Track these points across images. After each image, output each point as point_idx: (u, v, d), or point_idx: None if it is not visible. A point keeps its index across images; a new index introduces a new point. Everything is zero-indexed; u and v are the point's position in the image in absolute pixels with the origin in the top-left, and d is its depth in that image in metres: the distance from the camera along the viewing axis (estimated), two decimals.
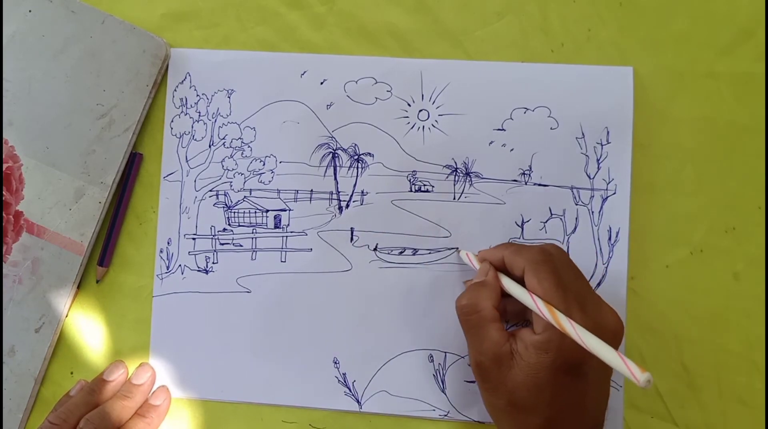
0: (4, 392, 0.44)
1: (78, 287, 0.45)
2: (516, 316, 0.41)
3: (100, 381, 0.43)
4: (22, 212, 0.44)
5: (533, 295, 0.36)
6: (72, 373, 0.45)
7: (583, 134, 0.44)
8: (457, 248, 0.44)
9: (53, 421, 0.40)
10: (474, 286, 0.39)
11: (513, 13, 0.45)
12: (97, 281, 0.46)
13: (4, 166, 0.44)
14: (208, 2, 0.46)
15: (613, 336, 0.36)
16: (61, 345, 0.45)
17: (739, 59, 0.44)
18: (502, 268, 0.40)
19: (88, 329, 0.45)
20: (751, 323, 0.43)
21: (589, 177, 0.44)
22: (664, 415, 0.43)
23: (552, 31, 0.45)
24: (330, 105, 0.45)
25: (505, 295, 0.39)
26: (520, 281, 0.38)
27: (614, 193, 0.44)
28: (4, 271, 0.44)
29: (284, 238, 0.45)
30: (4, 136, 0.44)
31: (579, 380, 0.36)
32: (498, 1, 0.45)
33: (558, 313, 0.34)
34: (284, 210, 0.45)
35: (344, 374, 0.44)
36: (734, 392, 0.43)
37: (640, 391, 0.43)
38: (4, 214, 0.44)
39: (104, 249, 0.45)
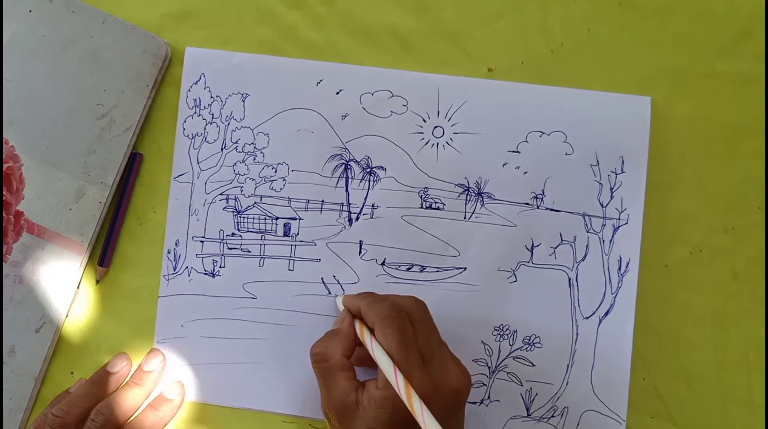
0: (4, 392, 0.44)
1: (78, 287, 0.45)
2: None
3: (103, 373, 0.42)
4: (22, 212, 0.44)
5: (378, 350, 0.36)
6: (72, 373, 0.45)
7: (597, 161, 0.44)
8: (335, 295, 0.44)
9: (56, 414, 0.39)
10: (328, 333, 0.39)
11: (513, 13, 0.45)
12: (97, 281, 0.46)
13: (5, 166, 0.44)
14: (208, 2, 0.46)
15: (454, 396, 0.36)
16: (61, 345, 0.45)
17: (739, 59, 0.44)
18: (360, 316, 0.39)
19: (88, 329, 0.45)
20: (750, 323, 0.43)
21: (602, 205, 0.44)
22: (664, 415, 0.43)
23: (552, 31, 0.45)
24: (345, 116, 0.45)
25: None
26: None
27: (626, 223, 0.43)
28: (5, 271, 0.44)
29: (293, 246, 0.45)
30: (5, 136, 0.44)
31: None
32: (498, 1, 0.45)
33: (397, 371, 0.34)
34: (294, 218, 0.45)
35: None
36: (734, 392, 0.43)
37: (640, 392, 0.43)
38: (4, 214, 0.44)
39: (104, 249, 0.45)
